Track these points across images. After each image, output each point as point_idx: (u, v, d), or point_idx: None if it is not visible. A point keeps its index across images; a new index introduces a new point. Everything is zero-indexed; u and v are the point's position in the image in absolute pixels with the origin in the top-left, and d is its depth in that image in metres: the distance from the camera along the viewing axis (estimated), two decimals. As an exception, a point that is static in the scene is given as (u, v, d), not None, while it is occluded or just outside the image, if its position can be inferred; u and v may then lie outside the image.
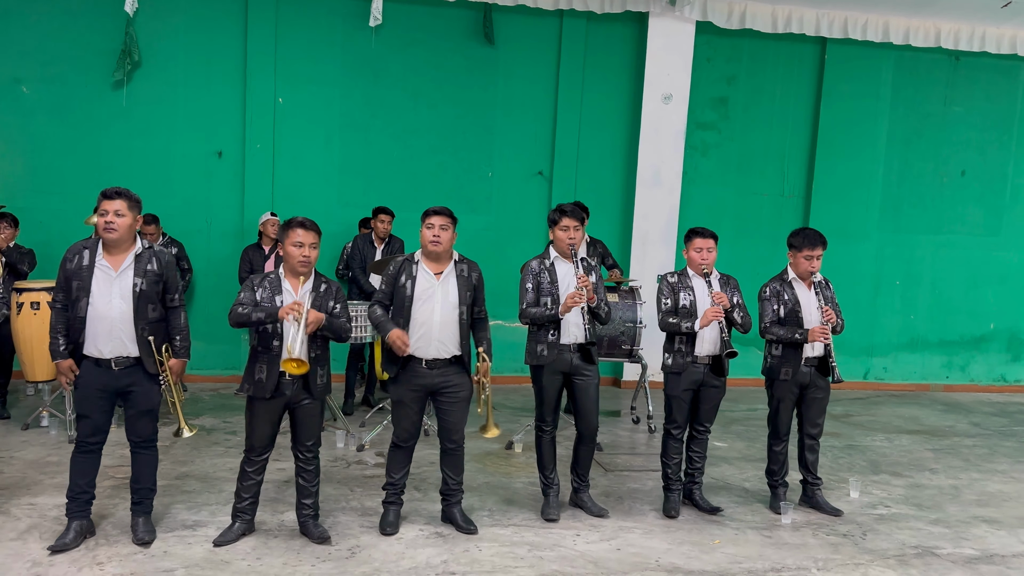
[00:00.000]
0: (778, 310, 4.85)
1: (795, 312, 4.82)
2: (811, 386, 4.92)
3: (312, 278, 4.10)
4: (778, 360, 4.90)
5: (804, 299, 4.84)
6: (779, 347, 4.89)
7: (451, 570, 4.00)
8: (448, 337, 4.24)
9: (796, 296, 4.85)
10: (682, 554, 4.34)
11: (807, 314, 4.81)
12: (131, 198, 3.93)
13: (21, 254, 6.26)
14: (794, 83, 8.86)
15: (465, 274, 4.31)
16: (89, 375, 3.92)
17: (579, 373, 4.66)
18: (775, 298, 4.87)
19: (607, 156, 8.54)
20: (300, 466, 4.24)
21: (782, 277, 4.95)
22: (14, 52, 7.45)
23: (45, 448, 5.58)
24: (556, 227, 4.67)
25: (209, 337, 7.70)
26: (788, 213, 8.98)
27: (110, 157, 7.64)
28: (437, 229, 4.21)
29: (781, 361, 4.88)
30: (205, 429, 6.25)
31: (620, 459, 6.01)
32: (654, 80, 8.23)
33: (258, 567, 3.92)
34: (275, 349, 3.98)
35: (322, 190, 8.05)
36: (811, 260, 4.81)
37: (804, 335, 4.74)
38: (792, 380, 4.87)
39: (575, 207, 4.72)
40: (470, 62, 8.22)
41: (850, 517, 5.00)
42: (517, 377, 8.47)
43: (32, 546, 4.01)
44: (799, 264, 4.85)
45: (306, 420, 4.15)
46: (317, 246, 4.04)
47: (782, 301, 4.86)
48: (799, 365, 4.85)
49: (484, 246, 8.01)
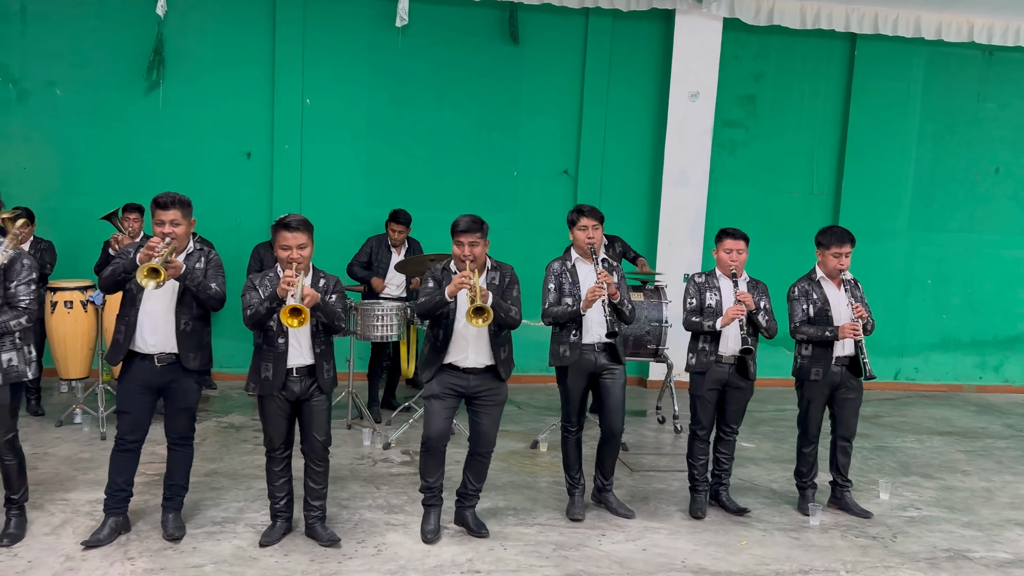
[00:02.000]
0: (807, 310, 4.80)
1: (825, 311, 4.77)
2: (842, 386, 4.86)
3: (311, 273, 4.11)
4: (808, 360, 4.84)
5: (834, 298, 4.79)
6: (809, 347, 4.83)
7: (476, 569, 4.02)
8: (482, 347, 4.22)
9: (825, 295, 4.80)
10: (708, 555, 4.32)
11: (837, 313, 4.76)
12: (183, 204, 3.98)
13: (41, 251, 6.29)
14: (823, 80, 8.76)
15: (496, 282, 4.26)
16: (133, 370, 4.00)
17: (605, 372, 4.64)
18: (804, 298, 4.82)
19: (633, 154, 8.50)
20: (309, 467, 4.20)
21: (810, 277, 4.90)
22: (48, 55, 7.58)
23: (78, 445, 5.67)
24: (575, 227, 4.67)
25: (238, 335, 7.73)
26: (817, 211, 8.88)
27: (141, 158, 7.75)
28: (467, 248, 4.12)
29: (811, 361, 4.83)
30: (234, 427, 6.33)
31: (646, 459, 5.99)
32: (681, 78, 8.17)
33: (285, 564, 3.96)
34: (280, 347, 3.98)
35: (348, 190, 8.10)
36: (840, 258, 4.76)
37: (834, 332, 4.69)
38: (823, 381, 4.81)
39: (593, 207, 4.70)
40: (495, 61, 8.22)
41: (880, 519, 4.94)
42: (542, 376, 8.46)
43: (65, 541, 4.08)
44: (828, 262, 4.80)
45: (315, 417, 4.11)
46: (306, 245, 3.98)
47: (811, 300, 4.81)
48: (830, 365, 4.80)
49: (509, 245, 8.01)
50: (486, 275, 4.25)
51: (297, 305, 3.73)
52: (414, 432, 6.13)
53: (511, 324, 4.20)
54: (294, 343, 4.00)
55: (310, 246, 4.02)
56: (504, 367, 4.28)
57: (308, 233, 4.01)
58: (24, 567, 3.79)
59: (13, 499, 4.09)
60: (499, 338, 4.24)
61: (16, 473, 4.07)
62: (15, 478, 4.07)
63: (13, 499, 4.09)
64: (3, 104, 7.58)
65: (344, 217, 7.92)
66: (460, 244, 4.14)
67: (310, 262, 4.09)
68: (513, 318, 4.18)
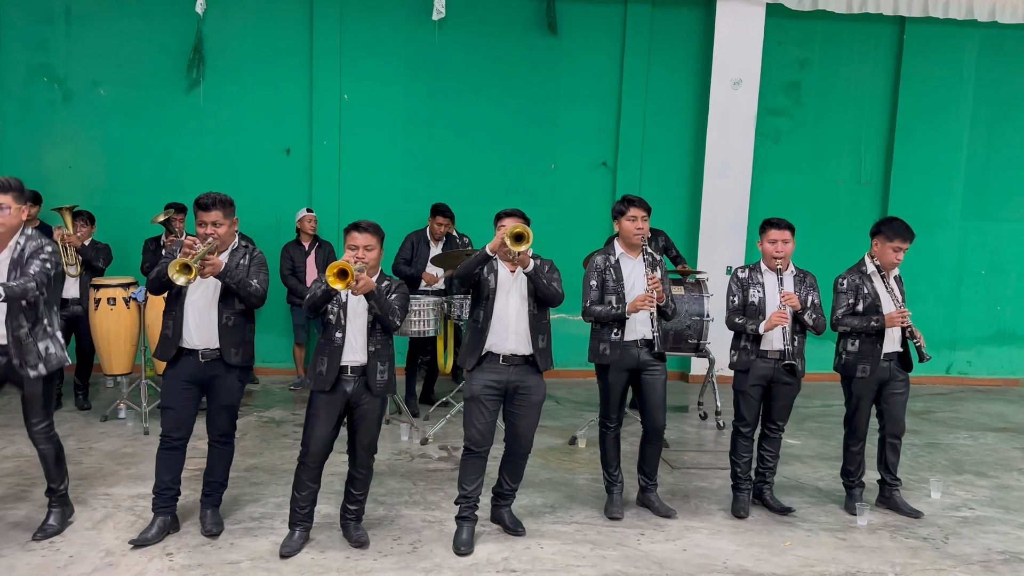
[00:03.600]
0: (855, 304, 4.64)
1: (875, 307, 4.60)
2: (891, 381, 4.69)
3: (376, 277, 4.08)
4: (854, 357, 4.68)
5: (884, 294, 4.63)
6: (855, 342, 4.67)
7: (512, 567, 3.96)
8: (522, 330, 4.12)
9: (876, 290, 4.63)
10: (751, 556, 4.20)
11: (887, 309, 4.59)
12: (225, 205, 4.00)
13: (97, 250, 6.46)
14: (871, 66, 8.50)
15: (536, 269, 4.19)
16: (179, 365, 4.04)
17: (646, 368, 4.54)
18: (853, 291, 4.66)
19: (673, 145, 8.36)
20: (352, 473, 4.15)
21: (860, 270, 4.72)
22: (92, 55, 7.72)
23: (122, 440, 5.76)
24: (623, 218, 4.54)
25: (279, 331, 7.85)
26: (865, 201, 8.64)
27: (182, 156, 7.86)
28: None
29: (857, 358, 4.67)
30: (275, 421, 6.37)
31: (687, 456, 5.88)
32: (722, 66, 8.00)
33: (321, 560, 3.96)
34: (337, 341, 3.96)
35: (386, 185, 8.11)
36: (898, 252, 4.59)
37: (881, 322, 4.53)
38: (871, 377, 4.65)
39: (641, 198, 4.58)
40: (533, 53, 8.14)
41: (931, 519, 4.77)
42: (580, 371, 8.38)
43: (106, 535, 4.13)
44: (885, 254, 4.62)
45: (364, 422, 4.04)
46: (374, 248, 3.95)
47: (861, 295, 4.63)
48: (878, 361, 4.63)
49: (547, 239, 7.93)
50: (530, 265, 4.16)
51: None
52: (452, 428, 6.11)
53: (551, 295, 4.09)
54: (350, 338, 3.96)
55: (377, 249, 3.98)
56: (542, 358, 4.18)
57: (377, 237, 3.98)
58: (65, 561, 3.84)
59: (53, 488, 4.14)
60: (539, 322, 4.15)
61: (54, 462, 4.11)
62: (53, 467, 4.11)
63: (53, 488, 4.14)
64: (49, 104, 7.74)
65: (382, 212, 7.86)
66: (502, 227, 4.12)
67: (378, 267, 4.05)
68: (555, 288, 4.10)
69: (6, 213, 3.78)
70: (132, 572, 3.76)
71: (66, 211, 6.34)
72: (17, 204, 3.82)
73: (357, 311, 3.97)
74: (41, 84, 7.73)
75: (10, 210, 3.79)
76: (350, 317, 3.96)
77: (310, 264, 7.25)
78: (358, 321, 3.97)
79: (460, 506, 4.21)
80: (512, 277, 4.13)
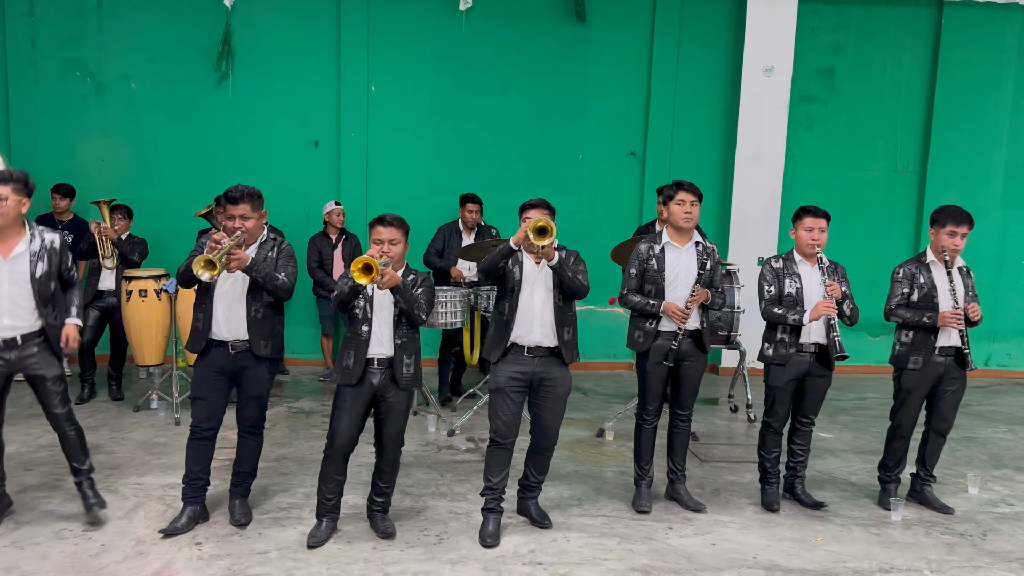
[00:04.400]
0: (910, 293, 4.51)
1: (930, 297, 4.46)
2: (945, 377, 4.55)
3: (402, 270, 4.07)
4: (907, 348, 4.55)
5: (942, 284, 4.48)
6: (909, 333, 4.53)
7: (538, 560, 3.94)
8: (547, 322, 4.09)
9: (933, 280, 4.49)
10: (782, 551, 4.13)
11: (944, 300, 4.45)
12: (253, 198, 4.02)
13: (134, 244, 6.53)
14: (907, 51, 8.31)
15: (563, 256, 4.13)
16: (209, 356, 4.07)
17: (685, 359, 4.48)
18: (908, 280, 4.52)
19: (704, 134, 8.25)
20: (379, 466, 4.15)
21: (919, 259, 4.59)
22: (123, 50, 7.80)
23: (154, 430, 5.83)
24: (671, 203, 4.42)
25: (308, 322, 7.89)
26: (901, 189, 8.47)
27: (212, 149, 7.92)
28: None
29: (910, 349, 4.53)
30: (304, 412, 6.41)
31: (716, 449, 5.81)
32: (754, 52, 7.87)
33: (348, 551, 3.96)
34: (363, 334, 3.96)
35: (414, 177, 8.10)
36: (954, 237, 4.43)
37: (933, 319, 4.40)
38: (922, 371, 4.51)
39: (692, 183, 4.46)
40: (560, 43, 8.08)
41: (968, 515, 4.66)
42: (609, 363, 8.35)
43: (137, 524, 4.18)
44: (941, 240, 4.47)
45: (391, 415, 4.04)
46: (399, 241, 3.94)
47: (916, 284, 4.50)
48: (931, 354, 4.50)
49: (575, 229, 7.87)
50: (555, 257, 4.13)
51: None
52: (479, 419, 6.09)
53: (576, 288, 4.04)
54: (376, 331, 3.96)
55: (402, 243, 3.97)
56: (568, 350, 4.14)
57: (402, 231, 3.97)
58: (97, 550, 3.89)
59: (82, 469, 4.20)
60: (564, 314, 4.10)
61: (81, 442, 4.21)
62: (79, 448, 4.20)
63: (82, 469, 4.20)
64: (82, 99, 7.84)
65: (410, 204, 7.90)
66: (527, 220, 4.08)
67: (403, 260, 4.05)
68: (580, 281, 4.05)
69: (5, 204, 3.83)
70: (162, 561, 3.80)
71: (104, 204, 6.43)
72: (16, 196, 3.88)
73: (383, 304, 3.96)
74: (74, 79, 7.83)
75: (7, 201, 3.84)
76: (376, 310, 3.95)
77: (337, 257, 7.27)
78: (384, 314, 3.96)
79: (486, 498, 4.19)
80: (537, 269, 4.09)
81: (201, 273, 3.76)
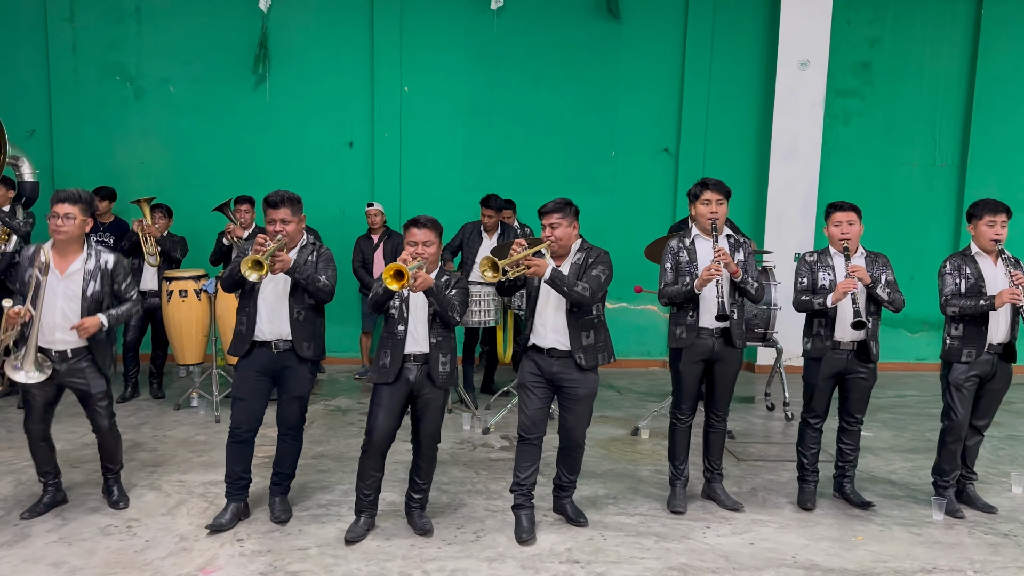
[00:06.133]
0: (959, 284, 4.43)
1: (978, 287, 4.39)
2: (994, 374, 4.47)
3: (436, 271, 4.10)
4: (958, 342, 4.45)
5: (989, 273, 4.39)
6: (959, 327, 4.44)
7: (575, 558, 3.94)
8: (560, 327, 4.08)
9: (979, 270, 4.41)
10: (821, 551, 4.10)
11: (992, 289, 4.36)
12: (293, 203, 4.09)
13: (174, 242, 6.68)
14: (946, 43, 8.17)
15: (580, 262, 4.10)
16: (252, 356, 4.14)
17: (720, 359, 4.45)
18: (956, 272, 4.45)
19: (738, 129, 8.18)
20: (417, 462, 4.20)
21: (964, 252, 4.52)
22: (162, 54, 7.94)
23: (194, 428, 5.93)
24: (697, 201, 4.43)
25: (344, 321, 7.95)
26: (940, 184, 8.33)
27: (249, 150, 8.03)
28: (548, 230, 4.07)
29: (962, 342, 4.43)
30: (341, 410, 6.48)
31: (754, 448, 5.76)
32: (789, 46, 7.79)
33: (386, 547, 4.00)
34: (399, 334, 4.00)
35: (446, 176, 8.14)
36: (994, 226, 4.36)
37: (991, 302, 4.30)
38: (976, 362, 4.41)
39: (719, 181, 4.46)
40: (593, 39, 8.06)
41: (1012, 515, 4.57)
42: (642, 361, 8.33)
43: (180, 521, 4.26)
44: (982, 234, 4.40)
45: (427, 411, 4.08)
46: (432, 243, 3.98)
47: (963, 275, 4.42)
48: (983, 346, 4.40)
49: (607, 227, 7.87)
50: (571, 256, 4.12)
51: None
52: (513, 417, 6.09)
53: (576, 299, 3.98)
54: (412, 331, 4.00)
55: (436, 244, 4.02)
56: (585, 354, 4.07)
57: (435, 232, 4.02)
58: (142, 546, 3.97)
59: (112, 468, 4.42)
60: (579, 320, 4.08)
61: (118, 448, 4.41)
62: (115, 453, 4.40)
63: (112, 468, 4.42)
64: (122, 102, 7.99)
65: (443, 203, 7.94)
66: (543, 226, 4.10)
67: (438, 261, 4.08)
68: (579, 293, 3.96)
69: (71, 223, 4.00)
70: (205, 557, 3.87)
71: (144, 203, 6.59)
72: (82, 216, 4.04)
73: (418, 304, 3.99)
74: (114, 83, 7.98)
75: (75, 221, 4.01)
76: (412, 310, 4.00)
77: (378, 257, 7.32)
78: (419, 314, 4.00)
79: (515, 494, 4.22)
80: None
81: (249, 273, 3.83)
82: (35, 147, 7.65)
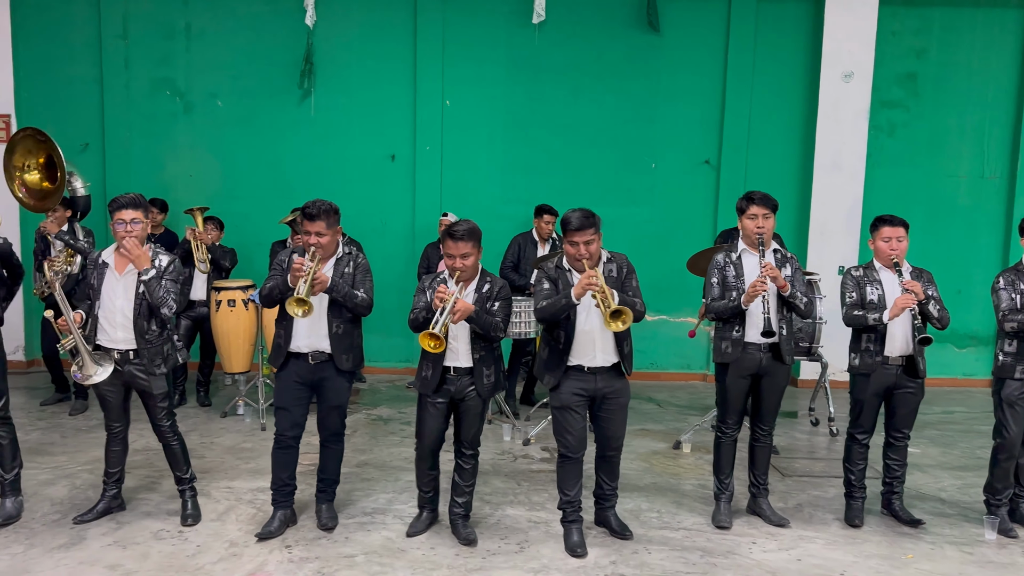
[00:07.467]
0: (1016, 300, 4.34)
1: None
2: None
3: (476, 279, 4.13)
4: (1012, 358, 4.34)
5: None
6: (1012, 342, 4.34)
7: (620, 572, 3.93)
8: (608, 345, 4.08)
9: None
10: (870, 568, 4.04)
11: None
12: (329, 215, 4.09)
13: (224, 252, 6.85)
14: (994, 54, 8.03)
15: (614, 274, 4.08)
16: (290, 367, 4.21)
17: (768, 374, 4.42)
18: (1011, 287, 4.36)
19: (781, 141, 8.12)
20: (459, 464, 4.29)
21: (1017, 267, 4.43)
22: (209, 69, 8.11)
23: (241, 435, 6.03)
24: (743, 216, 4.42)
25: (385, 331, 8.03)
26: (989, 196, 8.17)
27: (294, 163, 8.16)
28: (583, 248, 3.95)
29: (1016, 359, 4.32)
30: (382, 419, 6.54)
31: (798, 464, 5.69)
32: (833, 58, 7.73)
33: (432, 556, 4.04)
34: None
35: (487, 188, 8.19)
36: None
37: None
38: None
39: (765, 195, 4.44)
40: (633, 52, 8.07)
41: (1069, 536, 4.46)
42: (681, 374, 8.28)
43: (229, 527, 4.33)
44: None
45: (467, 417, 4.18)
46: (469, 255, 4.00)
47: (1018, 290, 4.34)
48: None
49: (646, 239, 7.85)
50: (602, 268, 4.05)
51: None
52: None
53: (639, 316, 4.00)
54: (454, 346, 4.05)
55: (474, 255, 4.04)
56: (627, 362, 4.14)
57: (472, 243, 4.02)
58: (193, 551, 4.05)
59: (184, 478, 4.43)
60: (620, 333, 4.08)
61: (184, 452, 4.43)
62: (181, 458, 4.41)
63: (184, 478, 4.43)
64: (172, 116, 8.18)
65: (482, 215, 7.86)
66: (575, 244, 3.95)
67: (477, 269, 4.12)
68: (639, 310, 4.00)
69: (139, 227, 4.15)
70: (255, 563, 3.93)
71: (197, 211, 6.78)
72: (145, 219, 4.20)
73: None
74: (164, 97, 8.18)
75: (141, 225, 4.16)
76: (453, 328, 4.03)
77: (442, 266, 7.37)
78: (460, 331, 4.06)
79: (565, 511, 4.22)
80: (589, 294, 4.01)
81: (296, 312, 3.88)
82: (88, 160, 7.86)
